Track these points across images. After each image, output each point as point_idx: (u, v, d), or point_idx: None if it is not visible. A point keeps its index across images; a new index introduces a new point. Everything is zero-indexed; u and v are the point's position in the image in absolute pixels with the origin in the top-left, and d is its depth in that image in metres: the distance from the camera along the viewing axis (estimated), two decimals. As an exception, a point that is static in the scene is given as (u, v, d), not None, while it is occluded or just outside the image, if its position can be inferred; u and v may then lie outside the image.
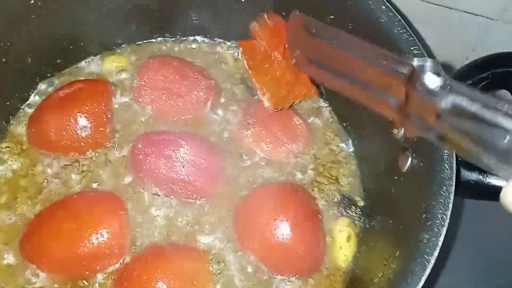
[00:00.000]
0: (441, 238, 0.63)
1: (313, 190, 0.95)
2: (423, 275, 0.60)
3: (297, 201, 0.88)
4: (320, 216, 0.91)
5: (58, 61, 1.01)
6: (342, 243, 0.90)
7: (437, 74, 0.46)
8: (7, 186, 0.90)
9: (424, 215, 0.66)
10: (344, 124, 1.03)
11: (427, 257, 0.62)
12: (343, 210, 0.94)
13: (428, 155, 0.72)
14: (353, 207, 0.94)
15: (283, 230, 0.83)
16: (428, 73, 0.46)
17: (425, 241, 0.63)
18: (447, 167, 0.68)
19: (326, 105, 1.06)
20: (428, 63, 0.47)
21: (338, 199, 0.95)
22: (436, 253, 0.62)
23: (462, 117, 0.44)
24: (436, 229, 0.64)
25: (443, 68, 0.45)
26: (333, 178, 0.97)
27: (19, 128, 0.97)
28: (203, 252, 0.85)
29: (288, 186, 0.94)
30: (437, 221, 0.64)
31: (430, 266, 0.61)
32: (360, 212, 0.93)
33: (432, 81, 0.45)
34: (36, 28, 0.91)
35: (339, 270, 0.88)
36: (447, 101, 0.44)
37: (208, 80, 1.02)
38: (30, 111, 0.98)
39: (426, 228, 0.64)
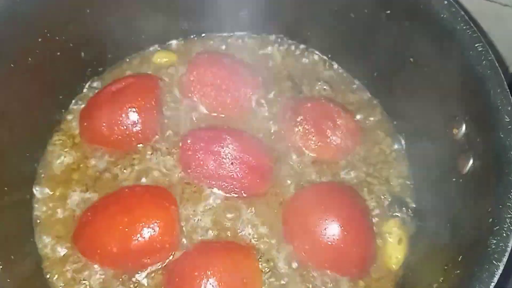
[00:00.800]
0: (510, 243, 0.60)
1: (362, 191, 0.93)
2: (492, 282, 0.58)
3: (346, 202, 0.87)
4: (370, 217, 0.89)
5: (110, 56, 1.02)
6: (393, 245, 0.88)
7: None
8: (60, 179, 0.92)
9: (490, 219, 0.63)
10: (395, 123, 1.00)
11: (495, 263, 0.59)
12: (394, 211, 0.91)
13: (492, 157, 0.69)
14: (404, 208, 0.92)
15: (333, 230, 0.82)
16: None
17: (493, 246, 0.60)
18: (516, 168, 0.65)
19: (377, 102, 1.03)
20: None
21: (388, 200, 0.92)
22: (505, 259, 0.59)
23: None
24: (504, 234, 0.61)
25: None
26: (383, 178, 0.95)
27: (71, 122, 0.98)
28: (253, 250, 0.85)
29: (337, 186, 0.93)
30: (505, 226, 0.61)
31: (498, 273, 0.58)
32: (412, 214, 0.91)
33: None
34: (90, 22, 0.92)
35: (390, 273, 0.86)
36: None
37: (256, 77, 1.01)
38: (82, 105, 0.99)
39: (493, 233, 0.62)
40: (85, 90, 1.02)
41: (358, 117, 1.01)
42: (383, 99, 1.02)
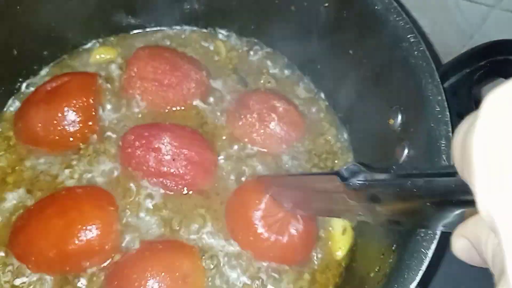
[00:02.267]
0: (439, 232, 0.61)
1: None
2: (420, 270, 0.59)
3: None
4: None
5: (45, 53, 0.98)
6: (338, 235, 0.88)
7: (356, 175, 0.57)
8: (-6, 183, 0.88)
9: (420, 208, 0.64)
10: (340, 115, 1.00)
11: (424, 251, 0.60)
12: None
13: (425, 146, 0.70)
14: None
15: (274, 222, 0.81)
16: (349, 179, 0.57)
17: (422, 235, 0.61)
18: (444, 158, 0.66)
19: (321, 94, 1.04)
20: (345, 171, 0.58)
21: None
22: (433, 247, 0.60)
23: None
24: (433, 222, 0.61)
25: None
26: (329, 169, 0.95)
27: (5, 123, 0.94)
28: (195, 248, 0.83)
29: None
30: (434, 214, 0.62)
31: (427, 261, 0.59)
32: (356, 205, 0.91)
33: (352, 183, 0.57)
34: (21, 19, 0.88)
35: (335, 262, 0.87)
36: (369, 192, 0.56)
37: (199, 71, 1.00)
38: (16, 105, 0.95)
39: (423, 221, 0.62)
40: (20, 90, 0.98)
41: (302, 109, 1.01)
42: (327, 91, 1.03)
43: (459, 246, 0.42)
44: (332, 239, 0.88)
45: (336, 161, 0.97)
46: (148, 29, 1.07)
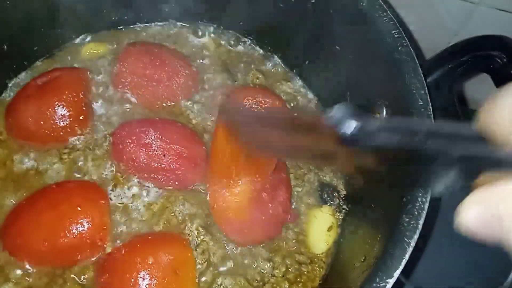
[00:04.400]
0: (421, 221, 0.63)
1: (296, 179, 0.94)
2: (403, 258, 0.61)
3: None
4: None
5: (35, 48, 0.99)
6: (323, 232, 0.90)
7: (350, 118, 0.46)
8: (-15, 177, 0.88)
9: (404, 198, 0.66)
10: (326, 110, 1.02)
11: (407, 240, 0.62)
12: (325, 198, 0.94)
13: (408, 139, 0.72)
14: (336, 194, 0.94)
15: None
16: (341, 123, 0.45)
17: (405, 224, 0.63)
18: (427, 150, 0.67)
19: (309, 90, 1.05)
20: (337, 113, 0.46)
21: (320, 187, 0.95)
22: (416, 236, 0.62)
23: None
24: (416, 212, 0.64)
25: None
26: (314, 166, 0.97)
27: (-5, 117, 0.94)
28: (186, 240, 0.84)
29: None
30: (417, 205, 0.64)
31: (410, 250, 0.61)
32: (344, 200, 0.93)
33: (347, 129, 0.45)
34: (11, 14, 0.89)
35: (320, 256, 0.88)
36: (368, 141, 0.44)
37: (189, 67, 1.01)
38: (7, 100, 0.96)
39: (406, 211, 0.65)
40: (10, 85, 0.98)
41: (291, 104, 1.03)
42: (314, 87, 1.05)
43: (473, 214, 0.39)
44: (317, 234, 0.90)
45: (323, 156, 0.99)
46: (138, 25, 1.08)
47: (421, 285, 0.88)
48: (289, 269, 0.86)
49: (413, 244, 0.62)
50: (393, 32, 0.77)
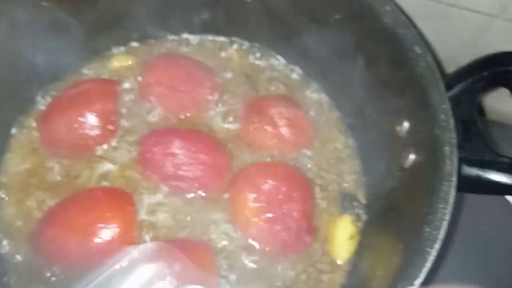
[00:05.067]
0: (442, 232, 0.64)
1: (315, 188, 0.96)
2: (424, 268, 0.62)
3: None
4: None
5: (67, 61, 1.03)
6: (344, 241, 0.91)
7: None
8: (19, 184, 0.93)
9: (426, 209, 0.68)
10: (348, 121, 1.04)
11: (428, 250, 0.63)
12: (346, 207, 0.95)
13: (430, 152, 0.74)
14: (356, 204, 0.96)
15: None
16: None
17: (426, 234, 0.65)
18: (448, 163, 0.70)
19: (330, 101, 1.07)
20: None
21: (340, 196, 0.97)
22: (437, 246, 0.64)
23: None
24: (437, 223, 0.66)
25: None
26: (336, 174, 0.99)
27: (29, 127, 0.98)
28: (210, 247, 0.87)
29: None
30: (438, 215, 0.66)
31: (431, 259, 0.63)
32: (364, 209, 0.95)
33: None
34: (45, 28, 0.92)
35: (340, 265, 0.90)
36: None
37: (213, 78, 1.04)
38: (40, 110, 1.00)
39: (427, 222, 0.66)
40: (44, 96, 1.02)
41: (313, 115, 1.05)
42: (336, 99, 1.07)
43: None
44: (338, 243, 0.91)
45: (342, 166, 1.01)
46: (165, 37, 1.12)
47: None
48: (310, 277, 0.88)
49: (434, 253, 0.63)
50: (415, 47, 0.79)
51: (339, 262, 0.90)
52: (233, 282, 0.86)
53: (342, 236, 0.92)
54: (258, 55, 1.12)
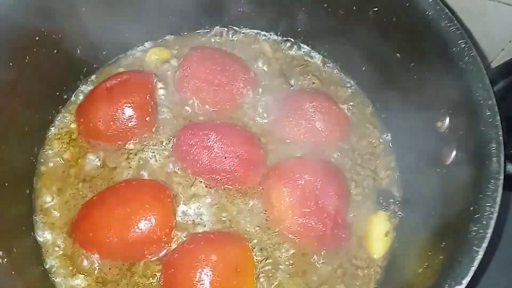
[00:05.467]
0: (490, 230, 0.64)
1: (350, 184, 0.96)
2: (472, 267, 0.62)
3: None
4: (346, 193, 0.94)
5: (105, 53, 1.04)
6: (380, 237, 0.91)
7: None
8: (59, 174, 0.94)
9: (471, 208, 0.67)
10: (383, 116, 1.03)
11: (476, 249, 0.63)
12: (381, 203, 0.95)
13: (474, 149, 0.73)
14: (391, 200, 0.95)
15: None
16: None
17: (473, 233, 0.64)
18: (495, 161, 0.68)
19: (365, 95, 1.07)
20: None
21: (376, 192, 0.96)
22: (485, 245, 0.63)
23: None
24: (484, 222, 0.65)
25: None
26: (371, 170, 0.99)
27: (68, 118, 1.00)
28: (246, 240, 0.88)
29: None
30: (485, 214, 0.65)
31: (479, 258, 0.62)
32: (399, 205, 0.94)
33: None
34: (85, 21, 0.94)
35: (376, 261, 0.90)
36: None
37: (248, 71, 1.04)
38: (79, 101, 1.01)
39: (474, 221, 0.65)
40: (81, 87, 1.04)
41: (346, 109, 1.04)
42: (371, 93, 1.06)
43: None
44: (373, 239, 0.91)
45: (377, 162, 1.00)
46: (199, 31, 1.12)
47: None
48: (346, 272, 0.88)
49: (481, 253, 0.63)
50: (459, 42, 0.77)
51: (375, 257, 0.89)
52: (268, 275, 0.86)
53: (378, 232, 0.91)
54: (292, 48, 1.12)
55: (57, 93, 0.99)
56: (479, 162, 0.71)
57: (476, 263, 0.62)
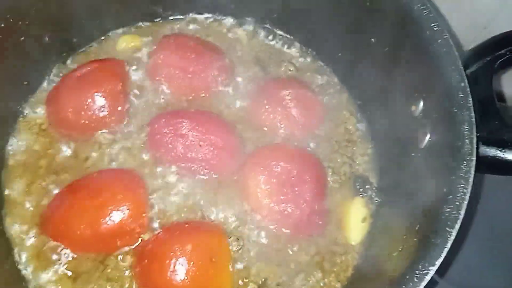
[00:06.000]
0: (462, 212, 0.64)
1: (328, 170, 0.95)
2: (445, 247, 0.62)
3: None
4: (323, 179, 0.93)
5: (74, 40, 1.02)
6: (357, 223, 0.91)
7: None
8: (28, 166, 0.92)
9: (444, 189, 0.67)
10: (359, 102, 1.03)
11: (449, 230, 0.63)
12: (358, 190, 0.94)
13: (447, 131, 0.73)
14: (368, 186, 0.95)
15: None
16: None
17: (446, 215, 0.64)
18: (467, 142, 0.68)
19: (341, 82, 1.06)
20: None
21: (353, 179, 0.96)
22: (457, 226, 0.63)
23: None
24: (457, 203, 0.65)
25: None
26: (348, 157, 0.98)
27: (37, 108, 0.97)
28: (221, 229, 0.86)
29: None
30: (458, 195, 0.65)
31: (451, 239, 0.62)
32: (376, 191, 0.94)
33: None
34: (53, 7, 0.91)
35: (353, 247, 0.90)
36: None
37: (223, 59, 1.02)
38: (48, 90, 0.98)
39: (447, 202, 0.65)
40: (50, 76, 1.01)
41: (323, 96, 1.04)
42: (347, 79, 1.05)
43: None
44: (350, 226, 0.91)
45: (354, 149, 0.99)
46: (172, 17, 1.10)
47: (456, 284, 0.88)
48: (323, 259, 0.87)
49: (454, 233, 0.63)
50: (432, 25, 0.77)
51: (352, 243, 0.89)
52: (245, 264, 0.85)
53: (355, 219, 0.91)
54: (268, 36, 1.10)
55: (25, 83, 0.96)
56: (451, 145, 0.71)
57: (449, 244, 0.62)
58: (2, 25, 0.85)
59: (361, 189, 0.95)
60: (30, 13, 0.88)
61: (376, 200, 0.93)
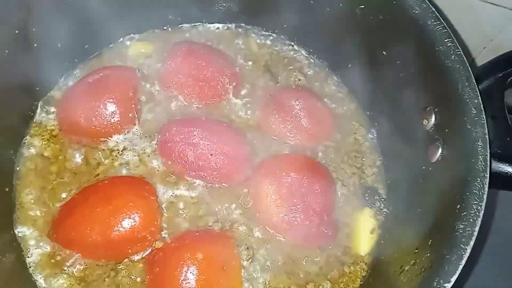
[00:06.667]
0: (477, 228, 0.64)
1: (337, 182, 0.96)
2: (460, 264, 0.62)
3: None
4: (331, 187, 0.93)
5: (86, 47, 1.02)
6: (366, 234, 0.91)
7: None
8: (39, 172, 0.91)
9: (458, 206, 0.67)
10: (369, 113, 1.03)
11: (463, 247, 0.63)
12: (367, 201, 0.95)
13: (461, 147, 0.73)
14: (377, 197, 0.96)
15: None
16: None
17: (460, 231, 0.64)
18: (481, 159, 0.69)
19: (351, 93, 1.06)
20: None
21: (362, 190, 0.96)
22: (472, 243, 0.63)
23: None
24: (471, 220, 0.65)
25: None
26: (357, 167, 0.99)
27: (48, 114, 0.97)
28: (232, 238, 0.87)
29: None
30: (472, 212, 0.66)
31: (466, 255, 0.63)
32: (384, 203, 0.95)
33: None
34: (67, 14, 0.91)
35: (362, 258, 0.90)
36: None
37: (233, 67, 1.03)
38: (59, 96, 0.98)
39: (461, 218, 0.66)
40: (62, 82, 1.01)
41: (333, 106, 1.04)
42: (357, 90, 1.05)
43: None
44: (359, 236, 0.91)
45: (363, 159, 1.00)
46: (184, 25, 1.10)
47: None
48: (332, 269, 0.88)
49: (469, 250, 0.63)
50: (446, 40, 0.77)
51: (362, 254, 0.90)
52: (255, 273, 0.85)
53: (364, 229, 0.92)
54: (278, 45, 1.11)
55: (37, 88, 0.96)
56: (465, 160, 0.71)
57: (463, 261, 0.62)
58: (17, 32, 0.85)
59: (370, 200, 0.95)
60: (44, 20, 0.88)
61: (385, 212, 0.94)
